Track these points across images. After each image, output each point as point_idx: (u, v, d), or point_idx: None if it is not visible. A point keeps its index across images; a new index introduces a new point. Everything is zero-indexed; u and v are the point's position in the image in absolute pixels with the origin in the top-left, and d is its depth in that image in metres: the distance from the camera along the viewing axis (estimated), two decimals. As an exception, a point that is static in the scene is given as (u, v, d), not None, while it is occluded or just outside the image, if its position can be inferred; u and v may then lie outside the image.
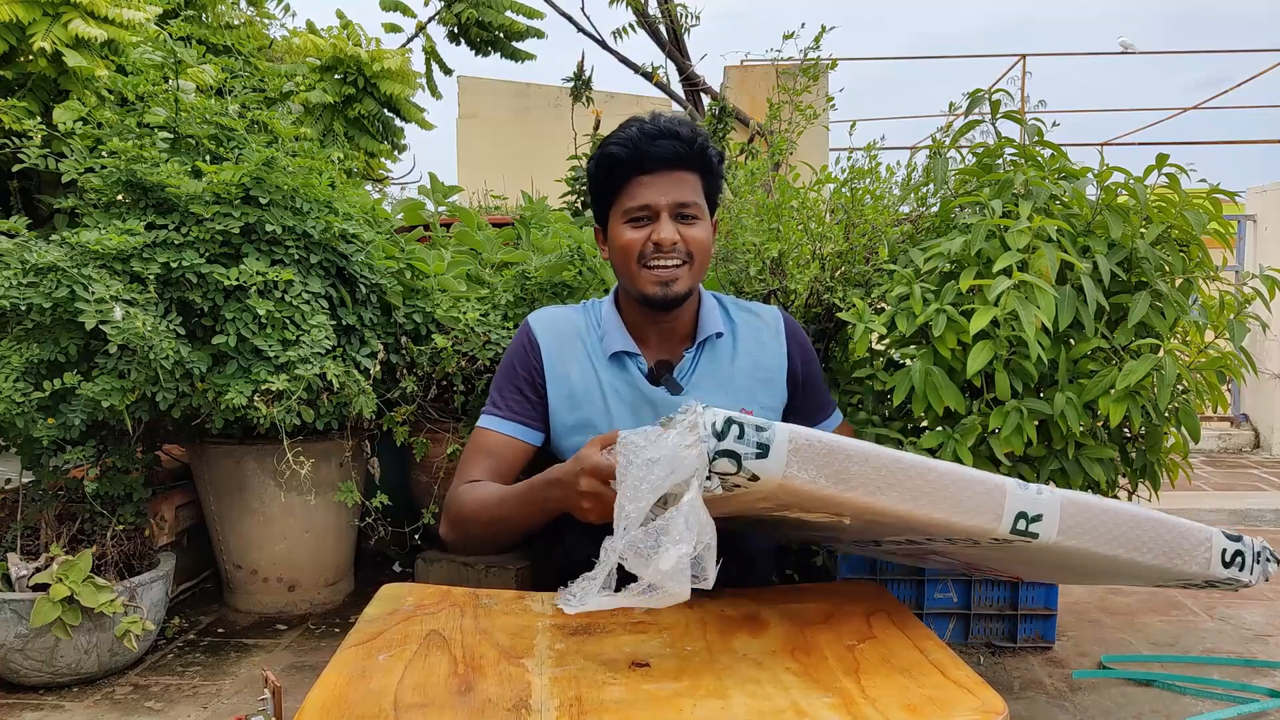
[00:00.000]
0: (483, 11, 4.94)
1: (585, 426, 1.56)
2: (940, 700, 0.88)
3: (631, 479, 0.97)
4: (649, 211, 1.49)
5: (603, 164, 1.52)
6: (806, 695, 0.88)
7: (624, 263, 1.53)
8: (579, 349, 1.60)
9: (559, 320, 1.64)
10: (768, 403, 1.62)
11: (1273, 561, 1.20)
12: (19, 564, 2.33)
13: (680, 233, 1.49)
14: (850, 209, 2.41)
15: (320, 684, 0.94)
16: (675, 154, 1.48)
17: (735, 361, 1.61)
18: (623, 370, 1.58)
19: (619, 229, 1.52)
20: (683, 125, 1.51)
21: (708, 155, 1.54)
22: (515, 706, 0.86)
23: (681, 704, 0.87)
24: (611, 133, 1.55)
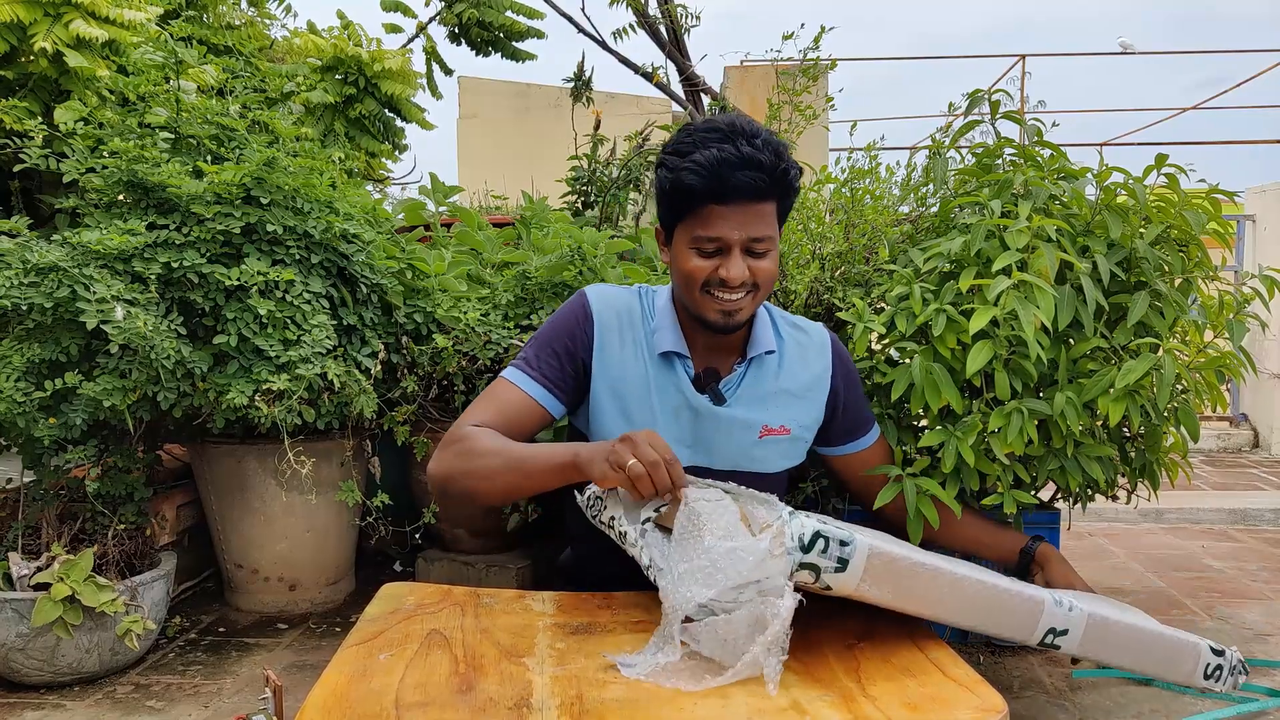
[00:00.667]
0: (483, 12, 4.94)
1: (624, 415, 1.51)
2: (940, 699, 0.88)
3: (698, 553, 1.01)
4: (720, 244, 1.42)
5: (674, 184, 1.42)
6: (807, 693, 0.89)
7: (686, 286, 1.47)
8: (631, 336, 1.54)
9: (617, 300, 1.57)
10: (804, 421, 1.60)
11: (1244, 674, 1.39)
12: (20, 563, 2.33)
13: (750, 266, 1.43)
14: (850, 209, 2.41)
15: (321, 683, 0.94)
16: (756, 187, 1.39)
17: (779, 379, 1.58)
18: (670, 370, 1.53)
19: (685, 251, 1.45)
20: (766, 149, 1.40)
21: (789, 179, 1.45)
22: (516, 705, 0.87)
23: (682, 702, 0.87)
24: (684, 138, 1.43)
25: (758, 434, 1.54)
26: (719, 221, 1.40)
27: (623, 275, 2.68)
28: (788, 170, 1.43)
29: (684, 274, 1.46)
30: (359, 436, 2.87)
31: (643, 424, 1.51)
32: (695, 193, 1.39)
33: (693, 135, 1.42)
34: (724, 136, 1.39)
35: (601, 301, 1.56)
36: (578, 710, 0.85)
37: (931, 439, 1.99)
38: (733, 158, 1.37)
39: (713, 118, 1.46)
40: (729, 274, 1.41)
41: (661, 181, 1.45)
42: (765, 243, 1.44)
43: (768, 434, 1.55)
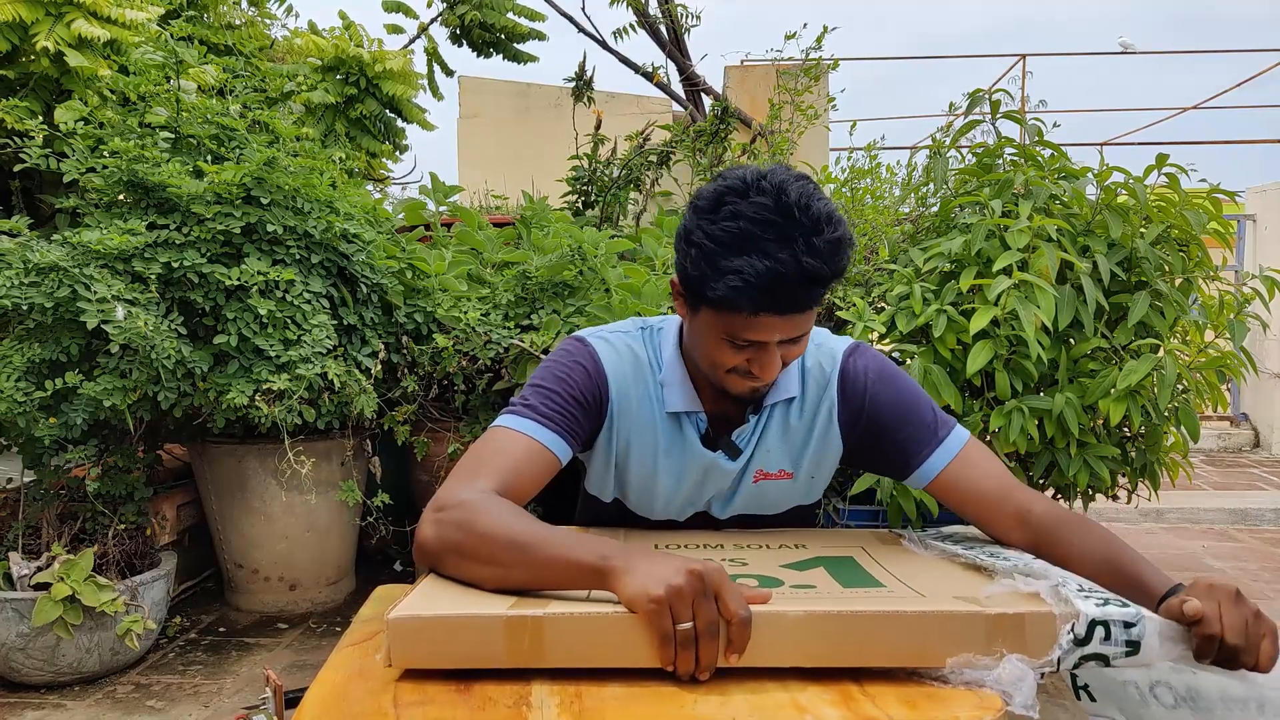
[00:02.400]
0: (485, 13, 4.94)
1: (620, 472, 1.38)
2: (939, 697, 0.88)
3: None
4: (756, 343, 1.21)
5: (713, 289, 1.15)
6: (806, 690, 0.88)
7: (708, 366, 1.27)
8: (644, 391, 1.36)
9: (622, 350, 1.37)
10: (817, 464, 1.39)
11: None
12: (20, 563, 2.33)
13: (783, 355, 1.23)
14: (850, 209, 2.41)
15: (319, 682, 0.94)
16: (813, 299, 1.17)
17: (788, 422, 1.38)
18: (678, 429, 1.36)
19: (713, 336, 1.22)
20: (829, 254, 1.13)
21: (844, 272, 1.20)
22: (515, 704, 0.87)
23: (683, 700, 0.87)
24: (725, 223, 1.14)
25: (751, 479, 1.38)
26: (763, 330, 1.19)
27: (623, 275, 2.68)
28: (845, 262, 1.18)
29: (709, 358, 1.26)
30: (359, 436, 2.87)
31: (640, 483, 1.37)
32: (740, 307, 1.16)
33: (739, 221, 1.14)
34: (779, 237, 1.12)
35: (611, 355, 1.35)
36: (577, 709, 0.85)
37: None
38: (791, 275, 1.12)
39: (760, 187, 1.15)
40: (764, 374, 1.23)
41: (693, 265, 1.19)
42: (805, 335, 1.24)
43: (763, 478, 1.38)
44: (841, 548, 1.24)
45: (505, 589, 1.02)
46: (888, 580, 1.07)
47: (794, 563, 1.17)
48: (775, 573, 1.11)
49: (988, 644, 0.92)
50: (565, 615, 0.91)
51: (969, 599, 0.98)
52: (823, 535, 1.34)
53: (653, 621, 0.89)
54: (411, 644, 0.91)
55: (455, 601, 0.97)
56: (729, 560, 1.18)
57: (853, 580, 1.07)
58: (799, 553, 1.22)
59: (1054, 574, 1.02)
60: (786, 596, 0.99)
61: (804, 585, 1.05)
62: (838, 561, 1.17)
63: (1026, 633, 0.93)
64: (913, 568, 1.14)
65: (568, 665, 0.90)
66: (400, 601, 0.95)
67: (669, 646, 0.89)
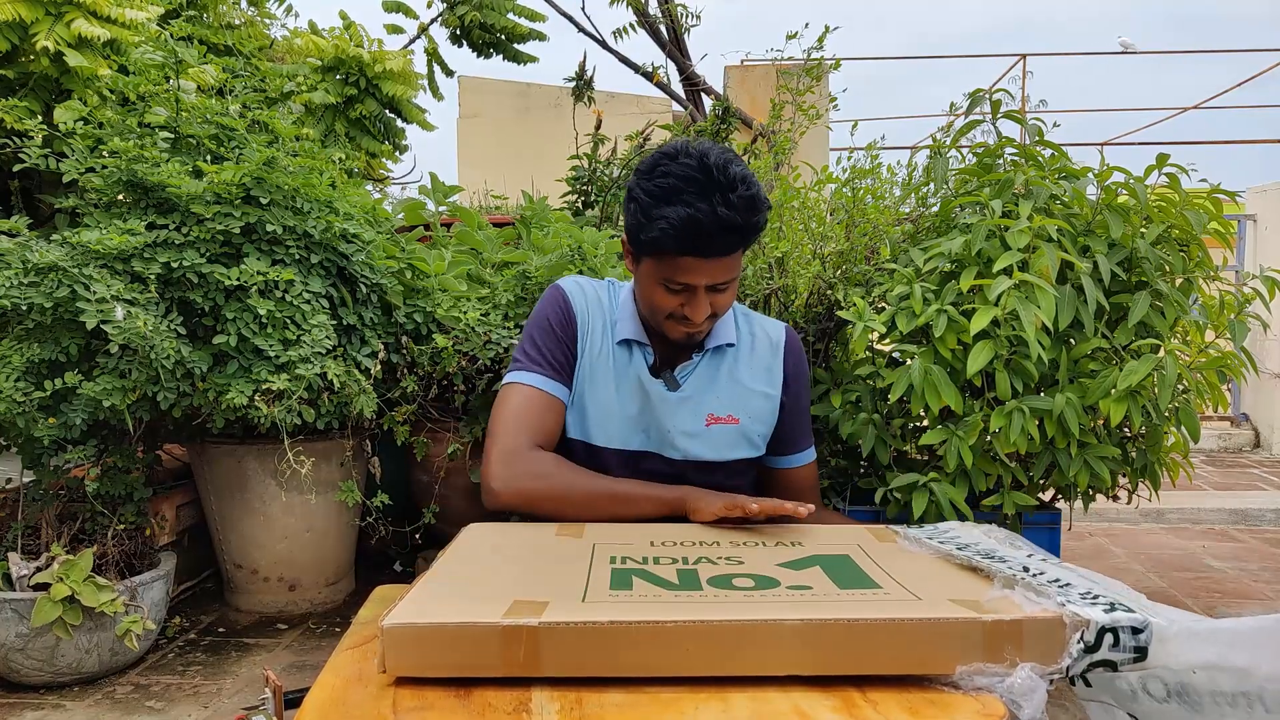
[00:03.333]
0: (485, 14, 4.94)
1: (589, 391, 1.57)
2: (941, 703, 0.88)
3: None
4: (688, 287, 1.45)
5: (645, 233, 1.41)
6: (808, 697, 0.88)
7: (650, 311, 1.52)
8: (600, 321, 1.61)
9: (587, 289, 1.64)
10: (755, 414, 1.61)
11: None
12: (20, 563, 2.33)
13: (712, 301, 1.47)
14: (851, 208, 2.41)
15: (318, 685, 0.94)
16: (729, 245, 1.40)
17: (735, 372, 1.61)
18: (628, 355, 1.58)
19: (651, 283, 1.48)
20: (742, 207, 1.37)
21: (760, 227, 1.44)
22: (515, 710, 0.86)
23: (684, 707, 0.87)
24: (658, 176, 1.39)
25: (704, 421, 1.57)
26: (689, 272, 1.43)
27: (623, 275, 2.68)
28: (760, 221, 1.43)
29: (648, 302, 1.51)
30: (359, 436, 2.87)
31: (605, 400, 1.56)
32: (667, 250, 1.42)
33: (668, 179, 1.38)
34: (700, 191, 1.36)
35: (575, 288, 1.63)
36: (578, 715, 0.85)
37: (932, 438, 1.99)
38: (708, 221, 1.36)
39: (688, 155, 1.39)
40: (694, 313, 1.46)
41: (632, 217, 1.45)
42: (730, 282, 1.48)
43: (714, 422, 1.58)
44: (837, 546, 1.26)
45: (593, 519, 1.38)
46: (884, 581, 1.08)
47: (790, 561, 1.17)
48: (771, 572, 1.12)
49: (987, 650, 0.93)
50: (562, 625, 0.89)
51: (966, 602, 0.98)
52: (819, 533, 1.35)
53: (719, 511, 1.33)
54: (406, 652, 0.90)
55: (451, 607, 0.95)
56: (725, 559, 1.18)
57: (849, 581, 1.08)
58: (795, 550, 1.23)
59: (1053, 591, 1.02)
60: (783, 599, 0.99)
61: (800, 586, 1.05)
62: (834, 560, 1.18)
63: (1025, 638, 0.94)
64: (909, 567, 1.15)
65: (564, 674, 0.90)
66: (395, 606, 0.94)
67: (738, 512, 1.31)
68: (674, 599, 0.99)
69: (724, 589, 1.03)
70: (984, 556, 1.15)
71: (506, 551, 1.21)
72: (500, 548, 1.23)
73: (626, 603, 0.97)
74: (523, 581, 1.06)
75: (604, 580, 1.06)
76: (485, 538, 1.28)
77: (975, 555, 1.16)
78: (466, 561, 1.16)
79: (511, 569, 1.14)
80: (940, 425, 2.01)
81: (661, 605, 0.96)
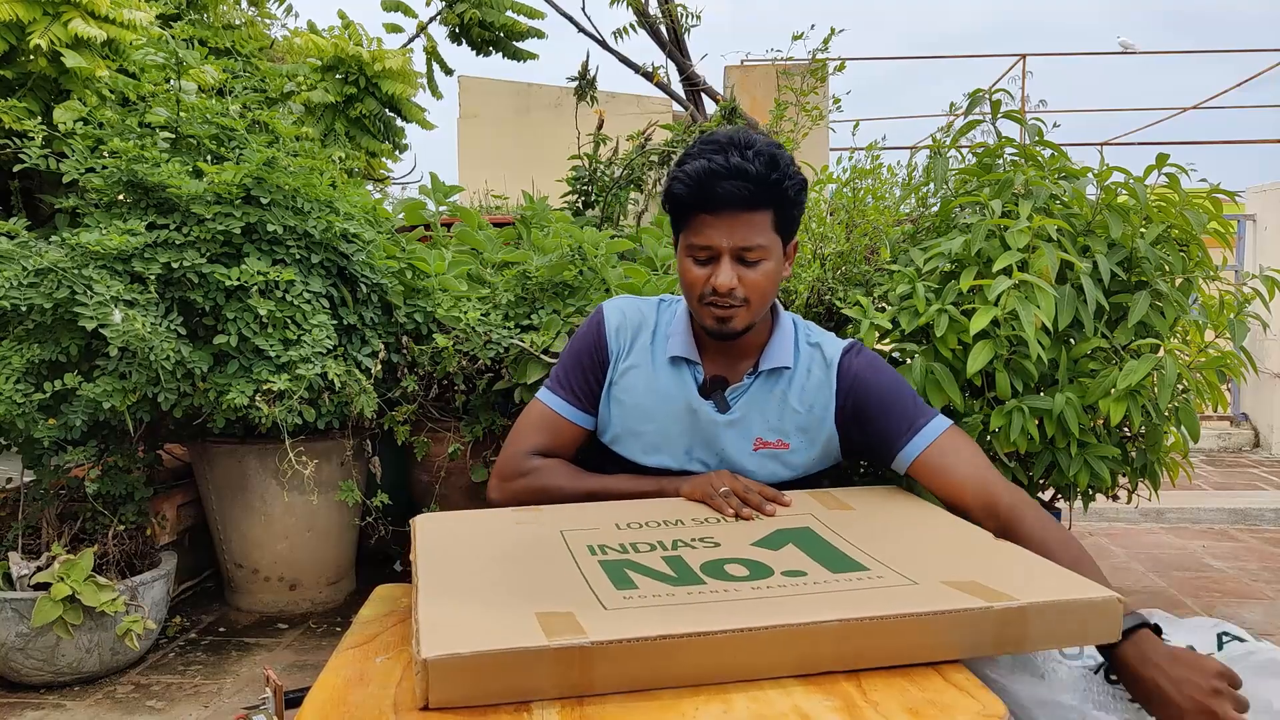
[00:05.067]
0: (484, 11, 4.93)
1: (628, 415, 1.58)
2: (941, 704, 0.88)
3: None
4: (711, 252, 1.44)
5: (667, 194, 1.47)
6: (809, 698, 0.88)
7: (687, 294, 1.52)
8: (641, 342, 1.60)
9: (629, 309, 1.63)
10: (808, 439, 1.55)
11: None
12: (20, 563, 2.33)
13: (740, 276, 1.44)
14: (851, 209, 2.41)
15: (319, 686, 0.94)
16: (741, 196, 1.40)
17: (788, 397, 1.55)
18: (678, 374, 1.56)
19: (684, 259, 1.49)
20: (756, 160, 1.39)
21: (783, 189, 1.43)
22: (517, 710, 0.86)
23: (684, 707, 0.87)
24: (688, 152, 1.47)
25: (751, 445, 1.54)
26: (708, 230, 1.43)
27: (623, 275, 2.68)
28: (781, 180, 1.42)
29: (684, 282, 1.51)
30: (359, 436, 2.87)
31: (642, 421, 1.55)
32: (684, 202, 1.43)
33: (695, 147, 1.46)
34: (718, 149, 1.42)
35: (614, 312, 1.63)
36: (578, 714, 0.85)
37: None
38: (720, 168, 1.39)
39: (716, 131, 1.47)
40: (718, 281, 1.44)
41: (664, 191, 1.50)
42: (756, 251, 1.44)
43: (762, 446, 1.54)
44: (792, 515, 1.34)
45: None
46: (867, 561, 1.12)
47: (761, 540, 1.22)
48: (752, 554, 1.16)
49: (996, 637, 0.97)
50: (614, 643, 0.88)
51: (962, 585, 1.01)
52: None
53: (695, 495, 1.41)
54: (452, 684, 0.86)
55: (485, 629, 0.92)
56: (699, 540, 1.22)
57: (834, 563, 1.12)
58: (757, 526, 1.29)
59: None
60: (795, 590, 1.03)
61: (794, 572, 1.09)
62: (801, 536, 1.24)
63: (1029, 623, 0.97)
64: (879, 540, 1.20)
65: (614, 690, 0.88)
66: (419, 635, 0.90)
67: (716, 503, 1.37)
68: (688, 597, 1.00)
69: (725, 580, 1.06)
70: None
71: (476, 548, 1.21)
72: (467, 543, 1.22)
73: (649, 607, 0.97)
74: (524, 586, 1.05)
75: (603, 579, 1.06)
76: (444, 531, 1.28)
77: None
78: (448, 565, 1.14)
79: (500, 570, 1.13)
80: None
81: (686, 609, 0.96)
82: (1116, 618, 1.02)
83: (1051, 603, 0.98)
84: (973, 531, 1.29)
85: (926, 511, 1.39)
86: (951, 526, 1.31)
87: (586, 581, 1.05)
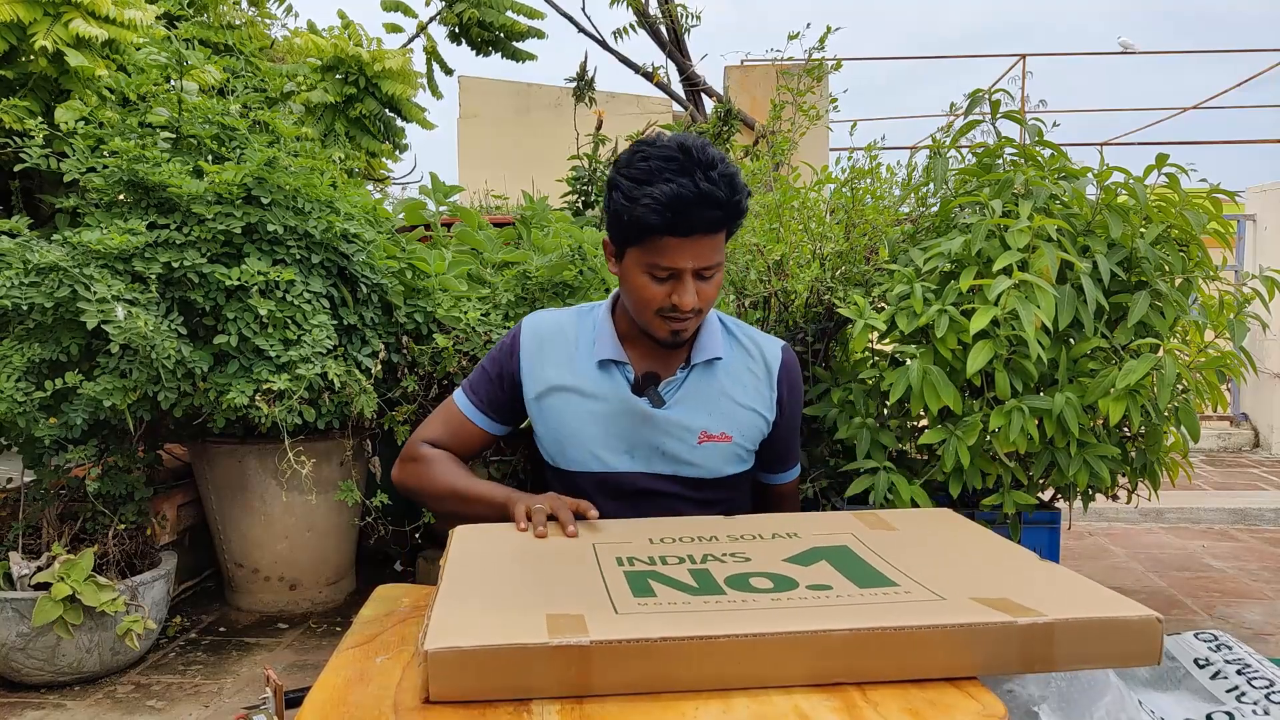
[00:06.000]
0: (484, 11, 4.94)
1: (559, 423, 1.58)
2: (941, 704, 0.88)
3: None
4: (673, 271, 1.44)
5: (629, 215, 1.42)
6: (809, 698, 0.88)
7: (638, 307, 1.50)
8: (563, 353, 1.60)
9: (547, 322, 1.65)
10: (747, 431, 1.59)
11: None
12: (21, 563, 2.33)
13: (698, 289, 1.46)
14: (851, 209, 2.41)
15: (319, 685, 0.94)
16: (712, 221, 1.41)
17: (727, 389, 1.58)
18: (609, 377, 1.57)
19: (637, 273, 1.47)
20: (723, 183, 1.39)
21: (741, 208, 1.45)
22: (516, 710, 0.86)
23: (684, 707, 0.87)
24: (639, 163, 1.42)
25: (696, 439, 1.55)
26: (674, 253, 1.42)
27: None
28: (740, 200, 1.43)
29: (637, 297, 1.49)
30: (359, 436, 2.87)
31: (578, 429, 1.56)
32: (653, 227, 1.41)
33: (649, 161, 1.41)
34: (681, 168, 1.39)
35: (530, 327, 1.65)
36: (577, 714, 0.85)
37: (931, 438, 2.00)
38: (690, 194, 1.37)
39: (667, 142, 1.44)
40: (682, 301, 1.44)
41: (615, 205, 1.45)
42: (714, 269, 1.47)
43: (707, 439, 1.55)
44: (831, 535, 1.27)
45: (445, 516, 1.52)
46: (898, 578, 1.08)
47: (795, 556, 1.17)
48: (782, 569, 1.12)
49: (1021, 654, 0.93)
50: (614, 643, 0.88)
51: (990, 601, 0.98)
52: (808, 521, 1.36)
53: (517, 512, 1.35)
54: (452, 677, 0.87)
55: (490, 626, 0.92)
56: (730, 555, 1.18)
57: (864, 579, 1.08)
58: (794, 543, 1.23)
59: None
60: (811, 603, 0.99)
61: (819, 585, 1.05)
62: (837, 554, 1.18)
63: (1056, 640, 0.94)
64: (916, 558, 1.15)
65: (613, 691, 0.88)
66: (428, 629, 0.90)
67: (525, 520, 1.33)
68: (704, 605, 0.98)
69: (746, 591, 1.03)
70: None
71: (507, 554, 1.21)
72: (499, 551, 1.22)
73: (661, 613, 0.96)
74: (542, 591, 1.05)
75: (623, 587, 1.05)
76: (479, 540, 1.27)
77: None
78: (474, 570, 1.14)
79: (522, 575, 1.13)
80: (940, 425, 2.01)
81: (696, 615, 0.95)
82: (1155, 639, 0.97)
83: (1082, 620, 0.94)
84: (1019, 553, 1.23)
85: (974, 533, 1.33)
86: (998, 547, 1.25)
87: (606, 587, 1.04)
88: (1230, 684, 1.27)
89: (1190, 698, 1.30)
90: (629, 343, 1.58)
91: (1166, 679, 1.34)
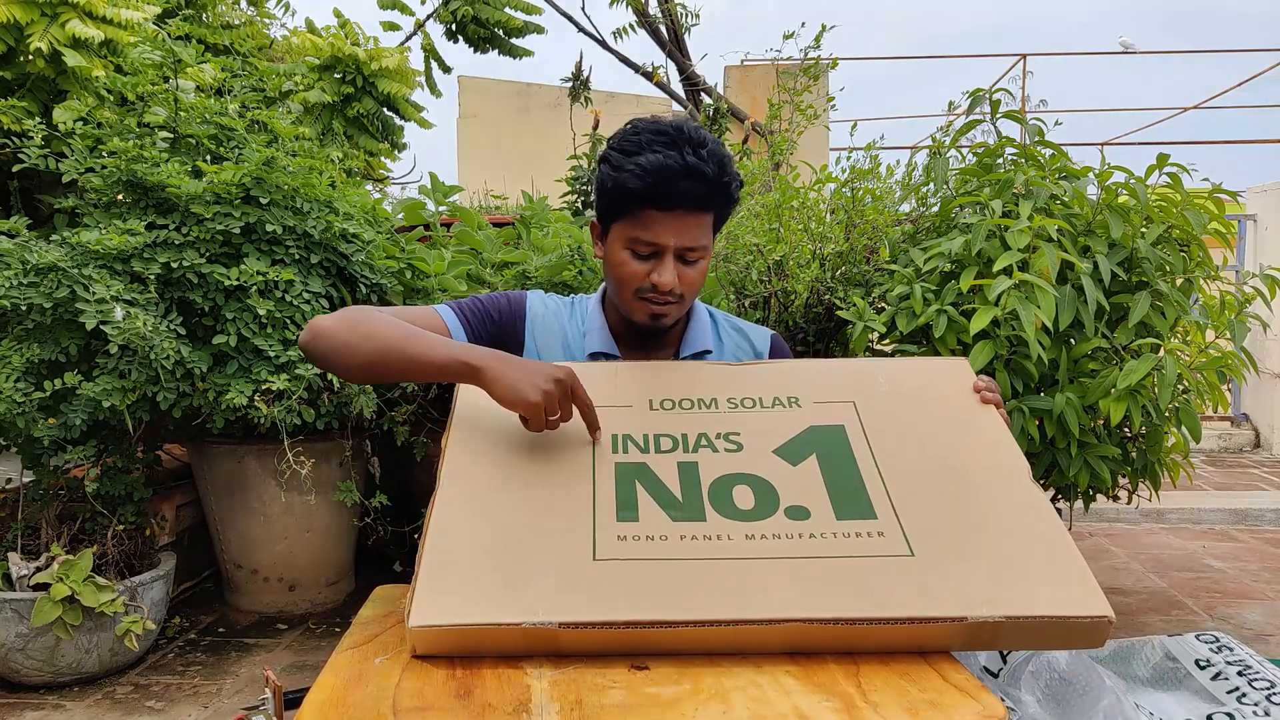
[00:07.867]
0: (480, 8, 4.93)
1: None
2: (940, 704, 0.87)
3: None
4: (655, 248, 1.43)
5: (616, 184, 1.42)
6: (808, 699, 0.88)
7: (618, 286, 1.50)
8: (559, 342, 1.58)
9: (548, 307, 1.62)
10: None
11: None
12: (20, 563, 2.33)
13: (679, 273, 1.44)
14: (851, 209, 2.40)
15: (318, 686, 0.94)
16: (695, 197, 1.40)
17: None
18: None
19: (619, 250, 1.46)
20: (711, 160, 1.39)
21: (730, 193, 1.45)
22: (515, 710, 0.86)
23: (683, 708, 0.86)
24: (630, 137, 1.43)
25: None
26: (656, 227, 1.41)
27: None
28: (729, 183, 1.43)
29: (617, 274, 1.48)
30: (358, 436, 2.86)
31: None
32: (636, 196, 1.40)
33: (639, 135, 1.42)
34: (670, 142, 1.40)
35: (535, 305, 1.60)
36: (578, 716, 0.85)
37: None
38: (676, 166, 1.37)
39: (661, 120, 1.45)
40: (661, 279, 1.42)
41: (603, 178, 1.45)
42: (698, 252, 1.45)
43: None
44: (833, 401, 1.28)
45: (367, 360, 1.29)
46: (879, 503, 1.10)
47: (785, 445, 1.20)
48: (767, 470, 1.15)
49: (969, 640, 0.98)
50: (581, 625, 0.95)
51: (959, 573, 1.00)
52: (813, 376, 1.35)
53: (533, 417, 1.17)
54: (436, 644, 0.98)
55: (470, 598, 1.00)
56: (725, 434, 1.22)
57: (844, 498, 1.11)
58: (791, 417, 1.25)
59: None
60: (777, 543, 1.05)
61: (798, 511, 1.09)
62: (829, 442, 1.21)
63: (1002, 634, 0.98)
64: (907, 468, 1.16)
65: (584, 653, 0.97)
66: (415, 596, 0.99)
67: (540, 428, 1.18)
68: (680, 547, 1.04)
69: (725, 518, 1.08)
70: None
71: (509, 442, 1.21)
72: (501, 431, 1.22)
73: (634, 559, 1.02)
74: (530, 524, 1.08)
75: (610, 506, 1.09)
76: (482, 409, 1.24)
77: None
78: (471, 469, 1.16)
79: (515, 492, 1.14)
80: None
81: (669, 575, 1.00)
82: (1103, 633, 1.00)
83: (1031, 619, 0.97)
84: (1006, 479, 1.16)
85: (973, 432, 1.25)
86: (984, 467, 1.18)
87: (594, 508, 1.09)
88: (1231, 685, 1.27)
89: (1191, 698, 1.30)
90: (618, 336, 1.57)
91: (1167, 679, 1.34)
